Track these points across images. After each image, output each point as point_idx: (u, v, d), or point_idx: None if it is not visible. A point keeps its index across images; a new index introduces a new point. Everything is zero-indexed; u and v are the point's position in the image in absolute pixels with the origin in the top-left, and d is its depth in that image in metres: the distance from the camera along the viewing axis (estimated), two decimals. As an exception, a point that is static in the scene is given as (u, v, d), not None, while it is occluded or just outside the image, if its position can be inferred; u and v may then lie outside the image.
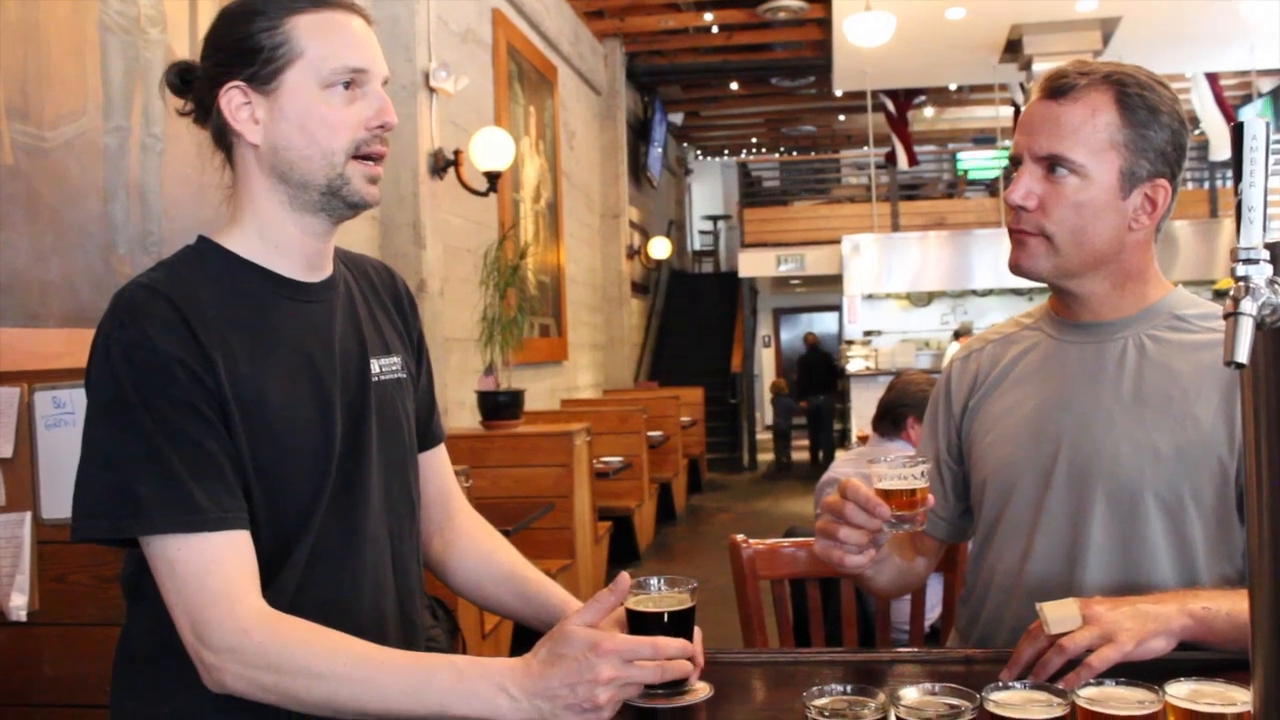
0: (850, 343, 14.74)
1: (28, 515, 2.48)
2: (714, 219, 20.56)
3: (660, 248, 13.93)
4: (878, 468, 1.48)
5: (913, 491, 1.46)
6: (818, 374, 14.84)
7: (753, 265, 15.46)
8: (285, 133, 1.41)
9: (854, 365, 14.31)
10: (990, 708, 1.14)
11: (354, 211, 1.48)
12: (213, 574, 1.28)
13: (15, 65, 3.10)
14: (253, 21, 1.40)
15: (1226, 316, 0.92)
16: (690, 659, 1.29)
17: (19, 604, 2.42)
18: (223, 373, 1.34)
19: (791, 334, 22.24)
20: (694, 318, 15.74)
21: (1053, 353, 1.75)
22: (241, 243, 1.46)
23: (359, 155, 1.44)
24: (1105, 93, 1.63)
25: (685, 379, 12.90)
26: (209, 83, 1.43)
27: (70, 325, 3.19)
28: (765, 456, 15.51)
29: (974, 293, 15.24)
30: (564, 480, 5.87)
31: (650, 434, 8.53)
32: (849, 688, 1.18)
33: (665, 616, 1.37)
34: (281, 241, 1.46)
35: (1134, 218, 1.65)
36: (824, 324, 21.63)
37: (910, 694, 1.16)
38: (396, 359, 1.59)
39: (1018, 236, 1.69)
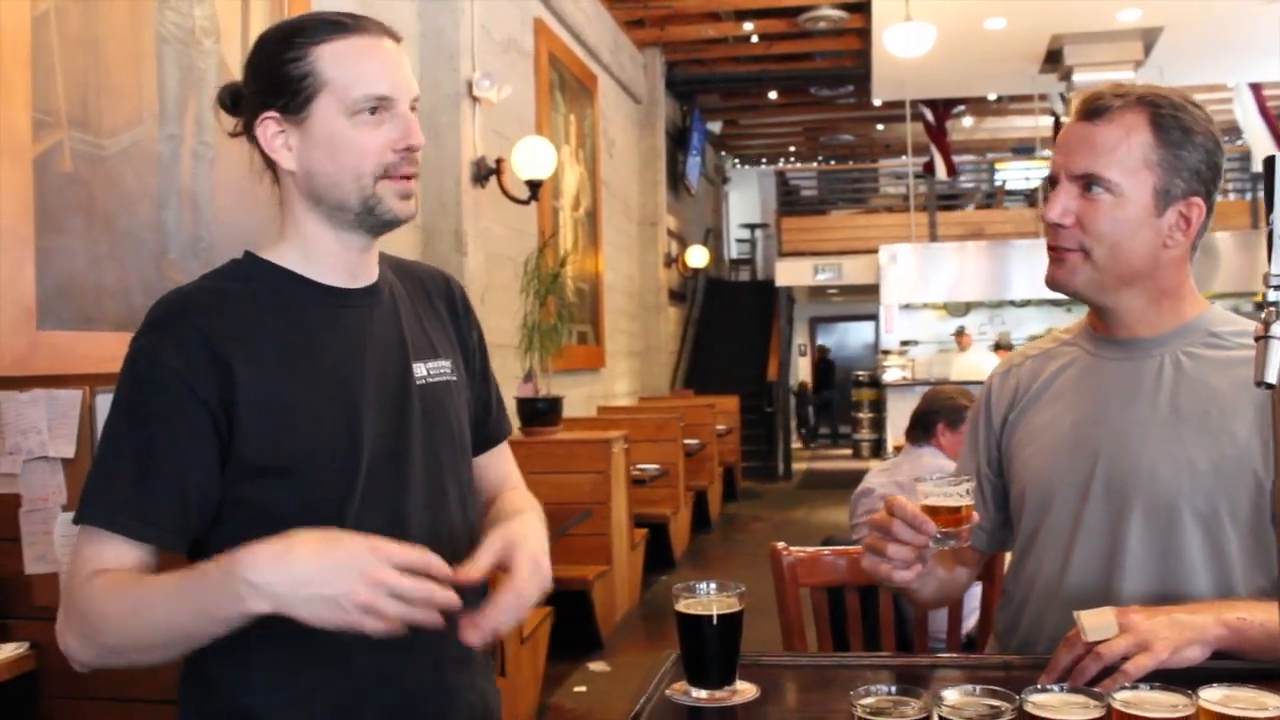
0: (887, 352, 14.68)
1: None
2: (751, 227, 20.57)
3: (698, 256, 13.92)
4: (924, 485, 1.52)
5: (958, 509, 1.50)
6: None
7: (790, 274, 15.43)
8: (317, 159, 1.46)
9: (890, 375, 14.23)
10: (1029, 709, 1.17)
11: (389, 227, 1.53)
12: (101, 574, 1.34)
13: (76, 76, 3.19)
14: (283, 52, 1.45)
15: (1258, 339, 0.97)
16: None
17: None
18: (240, 379, 1.39)
19: (828, 343, 22.32)
20: (730, 326, 15.67)
21: (1090, 368, 1.79)
22: (285, 255, 1.53)
23: (389, 176, 1.48)
24: (1140, 114, 1.66)
25: (721, 387, 12.80)
26: (250, 110, 1.50)
27: (123, 329, 3.26)
28: (800, 466, 15.48)
29: (1012, 303, 15.14)
30: (601, 487, 5.93)
31: (686, 442, 8.54)
32: (893, 689, 1.22)
33: (714, 619, 1.42)
34: (322, 255, 1.52)
35: (1169, 235, 1.68)
36: (860, 333, 21.63)
37: (952, 695, 1.20)
38: (446, 362, 1.62)
39: (1056, 253, 1.73)
